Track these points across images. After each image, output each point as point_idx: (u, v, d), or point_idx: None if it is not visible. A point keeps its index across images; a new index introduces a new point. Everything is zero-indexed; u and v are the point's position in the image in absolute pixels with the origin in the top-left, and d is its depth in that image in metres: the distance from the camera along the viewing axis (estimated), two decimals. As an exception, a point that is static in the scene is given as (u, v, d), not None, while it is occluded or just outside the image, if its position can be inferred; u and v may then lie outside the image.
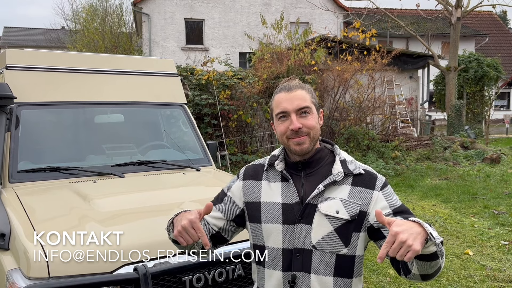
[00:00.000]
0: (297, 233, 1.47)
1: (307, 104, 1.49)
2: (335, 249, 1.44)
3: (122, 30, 22.44)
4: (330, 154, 1.56)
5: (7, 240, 2.06)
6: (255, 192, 1.58)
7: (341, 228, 1.43)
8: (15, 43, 33.31)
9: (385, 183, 1.50)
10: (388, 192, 1.49)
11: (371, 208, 1.44)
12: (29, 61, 3.30)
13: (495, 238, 5.17)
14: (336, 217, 1.43)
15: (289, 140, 1.49)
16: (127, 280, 1.83)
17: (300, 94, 1.49)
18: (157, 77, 3.80)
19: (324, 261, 1.45)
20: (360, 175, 1.49)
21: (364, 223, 1.45)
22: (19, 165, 2.89)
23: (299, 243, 1.47)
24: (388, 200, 1.46)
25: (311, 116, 1.49)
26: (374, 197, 1.46)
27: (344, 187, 1.47)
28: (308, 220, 1.45)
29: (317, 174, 1.51)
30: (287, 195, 1.51)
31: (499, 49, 28.48)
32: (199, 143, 3.70)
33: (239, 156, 9.90)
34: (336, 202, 1.45)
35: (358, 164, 1.53)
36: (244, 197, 1.60)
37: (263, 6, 19.79)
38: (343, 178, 1.47)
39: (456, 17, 14.82)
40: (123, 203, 2.50)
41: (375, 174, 1.52)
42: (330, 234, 1.44)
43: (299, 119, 1.47)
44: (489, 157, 10.70)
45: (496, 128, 19.46)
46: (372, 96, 11.42)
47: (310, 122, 1.48)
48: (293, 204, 1.48)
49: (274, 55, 10.66)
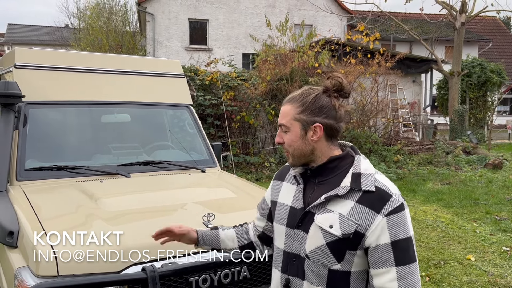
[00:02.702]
0: (295, 239, 1.47)
1: (284, 122, 1.49)
2: (326, 263, 1.39)
3: (126, 29, 22.51)
4: (351, 164, 1.47)
5: (15, 238, 2.08)
6: (277, 191, 1.63)
7: (333, 243, 1.37)
8: (19, 40, 33.40)
9: (397, 209, 1.34)
10: (397, 220, 1.34)
11: (369, 232, 1.33)
12: (38, 60, 3.32)
13: (497, 244, 5.18)
14: (328, 232, 1.38)
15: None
16: (135, 280, 1.84)
17: (284, 110, 1.51)
18: (164, 78, 3.82)
19: (316, 272, 1.42)
20: (370, 192, 1.37)
21: (361, 244, 1.36)
22: (27, 163, 2.92)
23: (295, 249, 1.48)
24: (391, 231, 1.33)
25: (289, 133, 1.49)
26: (376, 222, 1.33)
27: (348, 203, 1.38)
28: (305, 228, 1.44)
29: (329, 183, 1.45)
30: (296, 199, 1.52)
31: (503, 55, 28.46)
32: (204, 144, 3.72)
33: (241, 157, 9.92)
34: (333, 216, 1.38)
35: (375, 179, 1.40)
36: (271, 196, 1.67)
37: (267, 7, 19.81)
38: (349, 193, 1.39)
39: (460, 22, 14.83)
40: (130, 203, 2.52)
41: (388, 195, 1.36)
42: (322, 247, 1.39)
43: (281, 133, 1.51)
44: (491, 162, 10.70)
45: (499, 133, 19.44)
46: (375, 99, 11.44)
47: (286, 140, 1.49)
48: (298, 209, 1.49)
49: (278, 57, 10.68)
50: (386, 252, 1.33)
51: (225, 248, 1.79)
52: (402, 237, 1.33)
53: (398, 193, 1.39)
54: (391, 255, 1.32)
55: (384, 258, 1.33)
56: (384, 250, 1.33)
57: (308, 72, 10.80)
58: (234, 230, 1.82)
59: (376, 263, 1.34)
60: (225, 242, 1.78)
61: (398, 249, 1.32)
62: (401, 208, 1.35)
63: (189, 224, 2.24)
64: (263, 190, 3.07)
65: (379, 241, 1.33)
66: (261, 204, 1.76)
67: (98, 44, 20.52)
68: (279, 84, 10.34)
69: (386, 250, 1.32)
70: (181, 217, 2.41)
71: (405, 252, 1.33)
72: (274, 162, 9.94)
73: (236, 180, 3.27)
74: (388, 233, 1.32)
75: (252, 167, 9.86)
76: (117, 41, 20.83)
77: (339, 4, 20.27)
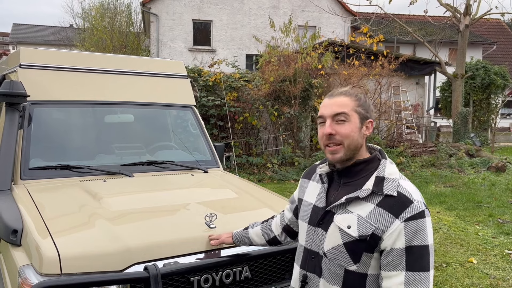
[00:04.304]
0: (315, 237, 1.51)
1: (344, 111, 1.44)
2: (343, 262, 1.42)
3: (130, 30, 22.59)
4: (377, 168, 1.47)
5: (19, 236, 2.09)
6: (304, 190, 1.68)
7: (350, 244, 1.39)
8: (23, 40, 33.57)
9: (416, 215, 1.33)
10: (415, 227, 1.33)
11: (386, 235, 1.34)
12: (43, 60, 3.34)
13: (499, 247, 5.17)
14: (346, 232, 1.40)
15: (325, 148, 1.47)
16: (137, 279, 1.85)
17: (340, 101, 1.46)
18: (167, 79, 3.84)
19: (332, 271, 1.45)
20: (391, 197, 1.37)
21: (378, 247, 1.37)
22: (31, 162, 2.94)
23: (315, 246, 1.51)
24: (407, 236, 1.32)
25: (347, 124, 1.44)
26: (393, 227, 1.34)
27: (368, 205, 1.39)
28: (325, 226, 1.48)
29: (354, 185, 1.46)
30: (319, 198, 1.55)
31: (507, 57, 28.36)
32: (207, 145, 3.73)
33: (244, 158, 9.94)
34: (352, 217, 1.40)
35: (399, 185, 1.40)
36: (298, 193, 1.73)
37: (271, 9, 19.83)
38: (370, 196, 1.40)
39: (464, 25, 14.79)
40: (133, 203, 2.53)
41: (410, 200, 1.35)
42: (339, 247, 1.42)
43: (333, 125, 1.44)
44: (495, 165, 10.67)
45: (502, 136, 19.38)
46: (378, 101, 11.43)
47: (344, 130, 1.43)
48: (320, 208, 1.53)
49: (281, 58, 10.70)
50: (399, 256, 1.34)
51: (256, 244, 1.99)
52: (418, 244, 1.33)
53: (420, 200, 1.38)
54: (403, 260, 1.33)
55: (396, 262, 1.34)
56: (398, 254, 1.34)
57: (312, 73, 10.81)
58: (260, 227, 1.98)
59: (388, 265, 1.36)
60: (254, 239, 1.98)
61: (412, 254, 1.32)
62: (421, 216, 1.34)
63: (190, 223, 2.27)
64: (265, 191, 3.08)
65: (394, 245, 1.34)
66: (292, 198, 1.85)
67: (102, 45, 20.61)
68: (282, 85, 10.36)
69: (400, 254, 1.33)
70: (183, 217, 2.42)
71: (418, 259, 1.33)
72: (276, 163, 9.95)
73: (238, 181, 3.28)
74: (404, 238, 1.32)
75: (254, 168, 9.87)
76: (121, 42, 20.91)
77: (342, 5, 20.27)
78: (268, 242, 1.95)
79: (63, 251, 1.87)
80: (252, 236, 1.98)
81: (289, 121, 10.70)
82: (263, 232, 1.95)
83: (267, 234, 1.94)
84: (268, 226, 1.95)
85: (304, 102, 10.69)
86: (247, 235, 2.00)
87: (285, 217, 1.88)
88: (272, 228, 1.93)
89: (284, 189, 8.14)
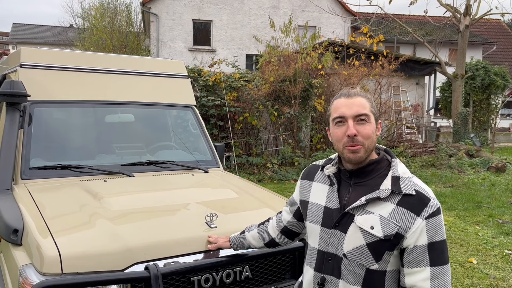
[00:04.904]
0: (332, 238, 1.50)
1: (366, 112, 1.46)
2: (365, 262, 1.42)
3: (130, 29, 22.59)
4: (388, 167, 1.49)
5: (20, 236, 2.09)
6: (307, 191, 1.66)
7: (374, 244, 1.40)
8: (23, 40, 33.58)
9: (435, 212, 1.39)
10: (435, 223, 1.38)
11: (409, 234, 1.37)
12: (43, 59, 3.34)
13: (499, 247, 5.17)
14: (369, 233, 1.41)
15: (344, 148, 1.46)
16: (138, 279, 1.85)
17: (360, 101, 1.47)
18: (168, 79, 3.84)
19: (353, 271, 1.45)
20: (410, 195, 1.40)
21: (399, 245, 1.40)
22: (31, 162, 2.94)
23: (332, 248, 1.50)
24: (429, 233, 1.38)
25: (368, 125, 1.45)
26: (416, 225, 1.37)
27: (388, 205, 1.41)
28: (343, 228, 1.46)
29: (366, 185, 1.47)
30: (330, 199, 1.54)
31: (507, 58, 28.38)
32: (207, 145, 3.74)
33: (244, 158, 9.94)
34: (374, 218, 1.41)
35: (414, 183, 1.43)
36: (300, 195, 1.71)
37: (271, 9, 19.84)
38: (389, 195, 1.41)
39: (464, 25, 14.80)
40: (133, 202, 2.53)
41: (427, 198, 1.40)
42: (362, 247, 1.42)
43: (355, 126, 1.44)
44: (495, 165, 10.67)
45: (502, 136, 19.39)
46: (378, 101, 11.43)
47: (367, 131, 1.44)
48: (334, 209, 1.51)
49: (281, 58, 10.70)
50: (422, 253, 1.38)
51: (254, 247, 1.98)
52: (438, 239, 1.38)
53: (434, 197, 1.44)
54: (427, 256, 1.37)
55: (420, 258, 1.38)
56: (421, 251, 1.38)
57: (312, 73, 10.82)
58: (257, 230, 1.97)
59: (411, 262, 1.39)
60: (252, 243, 1.97)
61: (434, 250, 1.38)
62: (439, 212, 1.40)
63: (190, 223, 2.28)
64: (265, 191, 3.08)
65: (417, 242, 1.38)
66: (290, 200, 1.83)
67: (102, 44, 20.62)
68: (282, 85, 10.36)
69: (423, 251, 1.38)
70: (184, 216, 2.42)
71: (440, 254, 1.38)
72: (276, 163, 9.95)
73: (238, 181, 3.28)
74: (426, 235, 1.37)
75: (254, 168, 9.87)
76: (121, 41, 20.92)
77: (343, 5, 20.28)
78: (266, 245, 1.94)
79: (64, 250, 1.87)
80: (249, 239, 1.97)
81: (289, 121, 10.70)
82: (260, 235, 1.94)
83: (265, 237, 1.93)
84: (265, 229, 1.94)
85: (304, 102, 10.70)
86: (244, 239, 1.99)
87: (284, 219, 1.86)
88: (269, 230, 1.92)
89: (284, 189, 8.15)
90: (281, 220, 1.88)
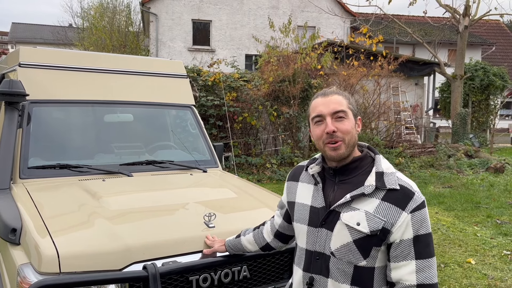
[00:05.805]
0: (319, 237, 1.50)
1: (343, 108, 1.48)
2: (353, 259, 1.43)
3: (129, 29, 22.58)
4: (371, 164, 1.51)
5: (18, 235, 2.09)
6: (293, 192, 1.67)
7: (361, 240, 1.41)
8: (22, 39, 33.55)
9: (420, 206, 1.40)
10: (420, 217, 1.40)
11: (395, 228, 1.39)
12: (42, 59, 3.34)
13: (497, 248, 5.18)
14: (356, 229, 1.41)
15: (325, 146, 1.47)
16: (136, 278, 1.85)
17: (336, 99, 1.49)
18: (167, 78, 3.84)
19: (341, 269, 1.45)
20: (394, 190, 1.41)
21: (386, 240, 1.41)
22: (30, 161, 2.94)
23: (319, 247, 1.50)
24: (415, 226, 1.39)
25: (346, 121, 1.47)
26: (401, 219, 1.39)
27: (373, 200, 1.42)
28: (330, 226, 1.47)
29: (350, 182, 1.48)
30: (316, 198, 1.54)
31: (506, 58, 28.40)
32: (206, 145, 3.74)
33: (243, 158, 9.94)
34: (359, 214, 1.41)
35: (398, 178, 1.45)
36: (287, 197, 1.72)
37: (270, 9, 19.84)
38: (374, 191, 1.43)
39: (464, 25, 14.81)
40: (132, 202, 2.53)
41: (412, 192, 1.42)
42: (349, 244, 1.42)
43: (334, 122, 1.46)
44: (493, 166, 10.69)
45: (501, 137, 19.42)
46: (377, 102, 11.45)
47: (345, 127, 1.46)
48: (319, 208, 1.52)
49: (281, 58, 10.70)
50: (408, 247, 1.39)
51: (249, 251, 1.97)
52: (424, 233, 1.40)
53: (419, 190, 1.45)
54: (412, 249, 1.39)
55: (405, 252, 1.40)
56: (407, 245, 1.39)
57: (311, 74, 10.82)
58: (252, 234, 1.96)
59: (397, 257, 1.41)
60: (247, 247, 1.97)
61: (419, 243, 1.39)
62: (423, 205, 1.42)
63: (189, 223, 2.28)
64: (264, 191, 3.08)
65: (403, 236, 1.39)
66: (280, 203, 1.84)
67: (101, 44, 20.59)
68: (281, 85, 10.36)
69: (408, 245, 1.39)
70: (182, 216, 2.42)
71: (425, 247, 1.40)
72: (275, 164, 9.95)
73: (237, 181, 3.28)
74: (412, 229, 1.39)
75: (253, 168, 9.88)
76: (121, 41, 20.89)
77: (342, 6, 20.29)
78: (261, 249, 1.94)
79: (62, 250, 1.87)
80: (244, 243, 1.97)
81: (288, 121, 10.70)
82: (255, 239, 1.94)
83: (260, 241, 1.92)
84: (260, 233, 1.94)
85: (303, 102, 10.70)
86: (240, 243, 1.98)
87: (275, 223, 1.86)
88: (264, 235, 1.92)
89: (283, 189, 8.14)
90: (274, 224, 1.87)
